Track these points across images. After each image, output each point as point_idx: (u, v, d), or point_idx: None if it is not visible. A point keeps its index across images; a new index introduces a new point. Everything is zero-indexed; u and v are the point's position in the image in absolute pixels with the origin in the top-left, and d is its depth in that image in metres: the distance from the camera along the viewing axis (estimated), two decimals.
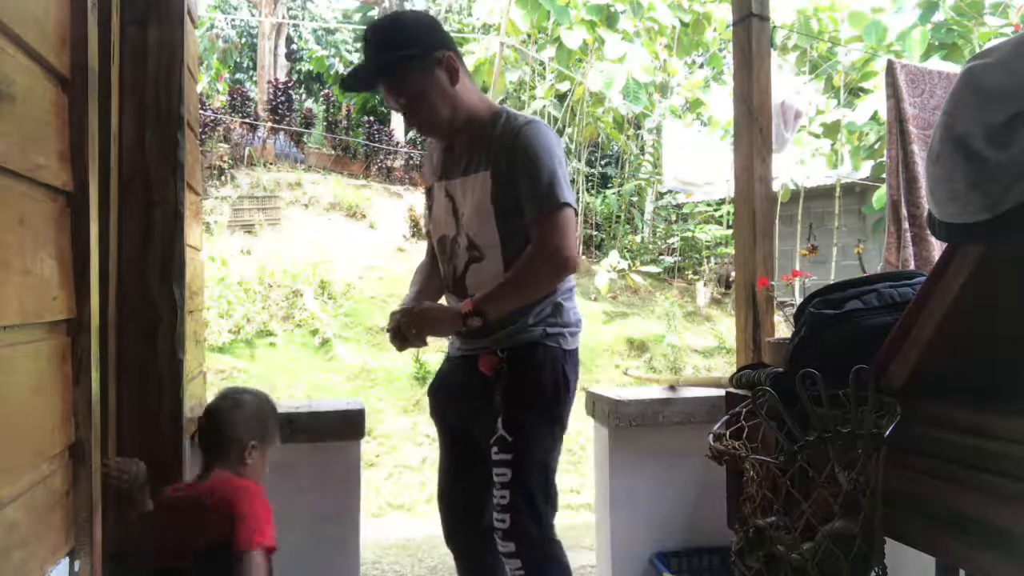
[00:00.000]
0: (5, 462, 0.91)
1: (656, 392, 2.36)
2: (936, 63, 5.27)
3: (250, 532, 1.35)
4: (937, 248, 2.60)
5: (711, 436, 1.50)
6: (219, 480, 1.43)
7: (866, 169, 7.90)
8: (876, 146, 7.30)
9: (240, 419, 1.51)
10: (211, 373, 6.96)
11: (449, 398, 1.78)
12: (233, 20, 18.67)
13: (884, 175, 2.98)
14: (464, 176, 1.66)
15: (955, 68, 3.43)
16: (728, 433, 1.50)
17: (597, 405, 2.31)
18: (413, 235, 11.84)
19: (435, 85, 1.57)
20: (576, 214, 1.64)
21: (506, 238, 1.61)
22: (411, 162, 15.69)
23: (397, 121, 16.82)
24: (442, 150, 1.73)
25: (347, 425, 2.02)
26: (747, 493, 1.40)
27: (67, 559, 1.13)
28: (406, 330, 1.60)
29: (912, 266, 2.64)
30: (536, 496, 1.59)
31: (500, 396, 1.61)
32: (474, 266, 1.65)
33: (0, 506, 0.89)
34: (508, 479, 1.57)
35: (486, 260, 1.63)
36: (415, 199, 13.54)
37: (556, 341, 1.65)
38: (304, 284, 8.96)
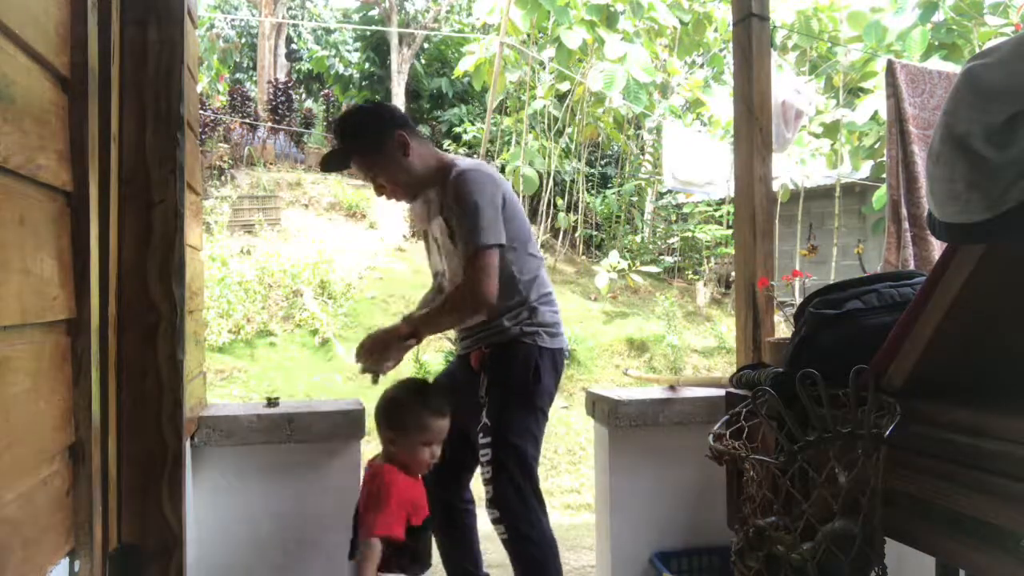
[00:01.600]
0: (5, 462, 0.91)
1: (656, 392, 2.36)
2: (936, 63, 5.28)
3: (371, 520, 1.59)
4: (937, 248, 2.60)
5: (711, 436, 1.50)
6: (371, 464, 1.74)
7: (866, 169, 7.91)
8: (876, 146, 7.31)
9: (378, 412, 1.75)
10: (211, 373, 6.96)
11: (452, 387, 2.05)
12: (233, 20, 18.68)
13: (884, 175, 2.99)
14: (432, 221, 2.00)
15: (955, 68, 3.44)
16: (728, 433, 1.50)
17: (597, 405, 2.30)
18: (413, 235, 11.83)
19: (391, 160, 1.92)
20: (499, 250, 1.87)
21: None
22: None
23: None
24: (421, 200, 2.04)
25: (347, 425, 2.02)
26: (747, 493, 1.40)
27: (67, 559, 1.14)
28: (363, 357, 1.91)
29: (912, 266, 2.65)
30: (513, 470, 1.86)
31: (484, 387, 1.93)
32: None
33: (0, 506, 0.89)
34: (489, 457, 1.87)
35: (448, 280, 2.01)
36: None
37: (532, 339, 1.94)
38: (304, 284, 8.95)
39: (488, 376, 1.93)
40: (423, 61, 18.05)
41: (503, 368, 1.92)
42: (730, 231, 10.10)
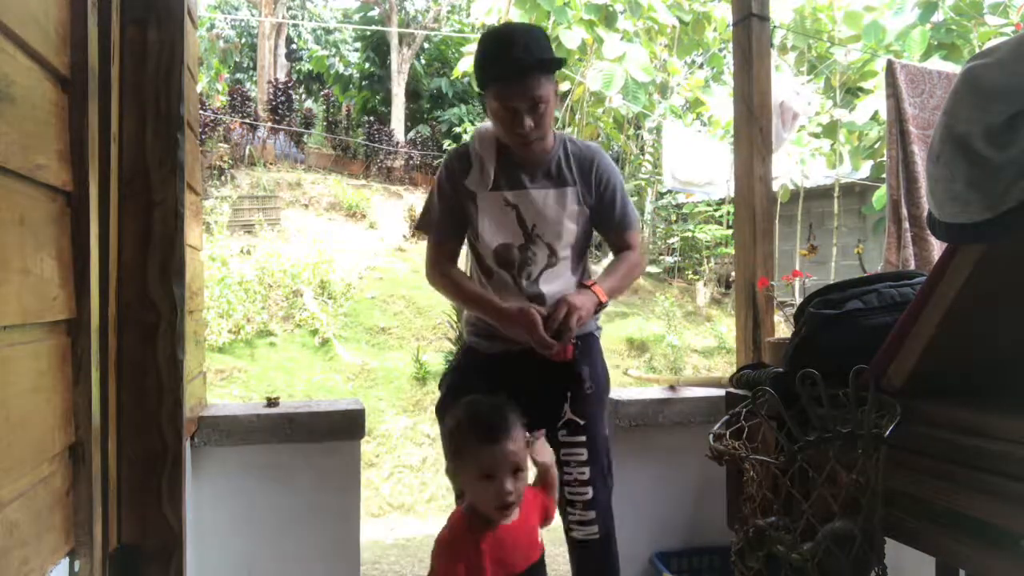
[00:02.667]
0: (5, 462, 0.91)
1: (656, 392, 2.36)
2: (936, 63, 5.28)
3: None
4: (937, 248, 2.60)
5: (711, 436, 1.50)
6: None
7: (866, 169, 7.90)
8: (876, 146, 7.30)
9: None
10: (211, 373, 6.96)
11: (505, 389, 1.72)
12: (233, 20, 18.68)
13: (884, 175, 2.98)
14: (537, 188, 1.79)
15: (955, 68, 3.44)
16: (728, 433, 1.50)
17: None
18: (413, 235, 11.84)
19: (555, 97, 1.73)
20: None
21: (576, 246, 1.81)
22: (411, 162, 15.70)
23: (397, 121, 16.84)
24: (495, 161, 1.78)
25: (347, 425, 2.02)
26: (747, 493, 1.40)
27: (67, 559, 1.14)
28: (569, 323, 1.63)
29: (912, 266, 2.64)
30: (607, 469, 1.79)
31: (568, 382, 1.77)
32: (548, 271, 1.79)
33: (0, 506, 0.89)
34: (585, 457, 1.74)
35: (559, 265, 1.80)
36: (415, 199, 13.54)
37: (599, 333, 1.91)
38: (304, 284, 8.95)
39: (577, 370, 1.78)
40: (423, 61, 18.07)
41: (591, 361, 1.82)
42: (730, 231, 10.10)
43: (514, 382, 1.69)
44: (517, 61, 1.65)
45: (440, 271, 1.83)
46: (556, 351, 1.64)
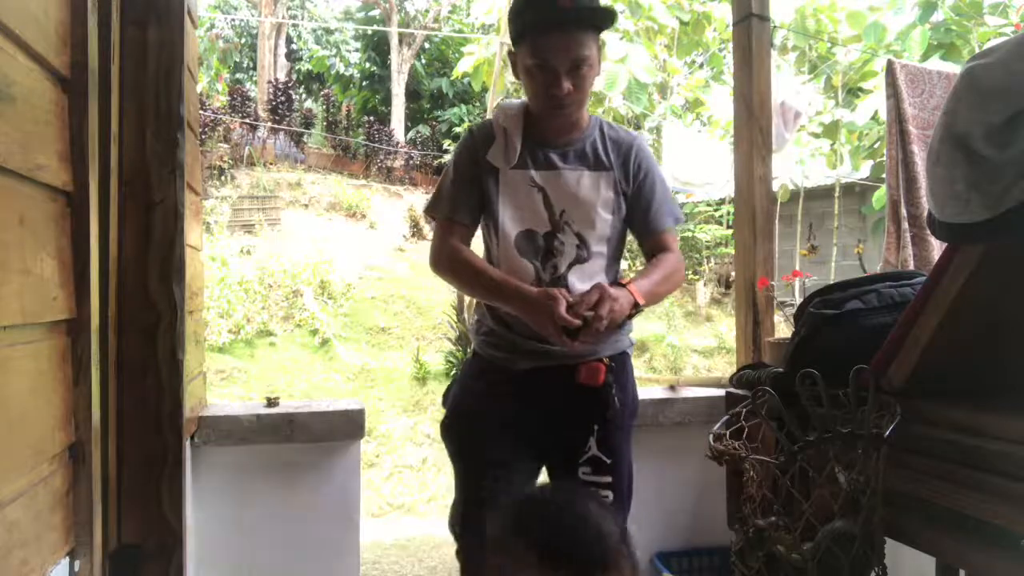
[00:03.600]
0: (5, 462, 0.91)
1: (656, 392, 2.36)
2: (936, 63, 5.27)
3: None
4: (937, 248, 2.59)
5: (711, 436, 1.50)
6: None
7: (866, 169, 7.90)
8: (876, 146, 7.30)
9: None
10: (211, 373, 6.96)
11: (517, 417, 1.52)
12: (233, 20, 18.68)
13: (884, 175, 2.98)
14: (570, 170, 1.54)
15: (955, 68, 3.43)
16: (728, 433, 1.50)
17: None
18: (413, 235, 11.84)
19: (598, 63, 1.50)
20: None
21: (613, 241, 1.57)
22: (411, 162, 15.70)
23: (397, 121, 16.84)
24: (520, 136, 1.54)
25: (347, 425, 2.02)
26: (747, 493, 1.40)
27: (67, 559, 1.14)
28: (601, 310, 1.35)
29: (912, 266, 2.64)
30: (628, 499, 1.55)
31: (597, 411, 1.50)
32: (578, 267, 1.53)
33: (0, 506, 0.89)
34: (610, 498, 1.49)
35: (591, 261, 1.54)
36: (415, 199, 13.54)
37: (632, 351, 1.63)
38: (304, 284, 8.96)
39: (604, 397, 1.50)
40: (423, 61, 18.06)
41: (623, 384, 1.55)
42: (730, 231, 10.10)
43: (533, 407, 1.51)
44: (561, 10, 1.40)
45: (451, 252, 1.54)
46: (577, 342, 1.36)
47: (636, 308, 1.44)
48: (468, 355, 1.68)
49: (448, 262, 1.54)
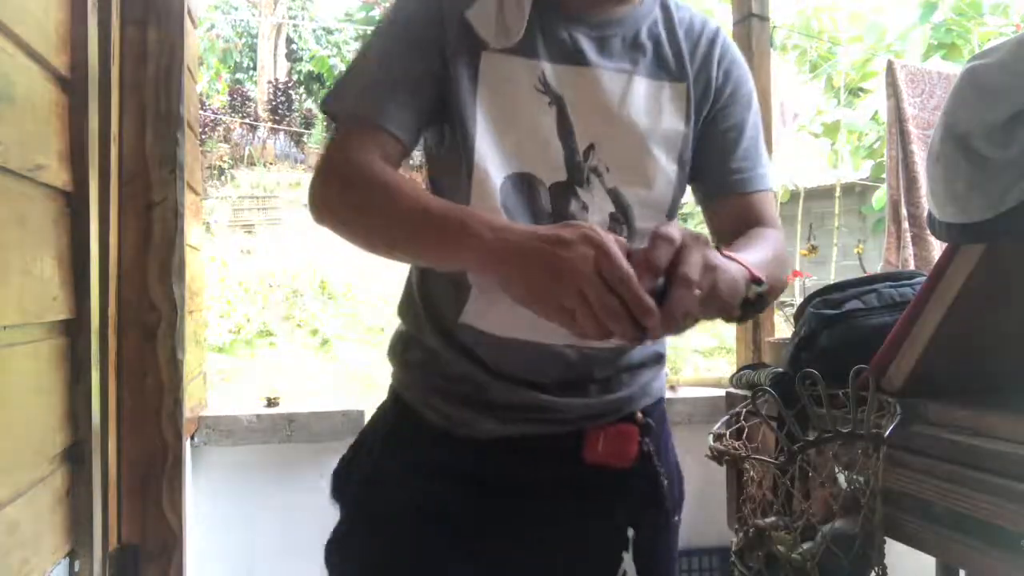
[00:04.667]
0: (5, 462, 0.91)
1: None
2: (936, 63, 5.27)
3: None
4: (937, 248, 2.59)
5: (711, 436, 1.49)
6: None
7: (866, 169, 7.89)
8: (876, 146, 7.30)
9: None
10: (211, 373, 6.95)
11: (479, 533, 0.87)
12: (233, 20, 18.67)
13: (884, 175, 2.98)
14: (612, 70, 0.85)
15: (955, 68, 3.43)
16: (728, 433, 1.50)
17: None
18: None
19: None
20: None
21: (672, 208, 0.89)
22: (411, 162, 15.69)
23: None
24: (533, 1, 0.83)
25: (347, 425, 2.02)
26: (747, 493, 1.40)
27: (67, 559, 1.14)
28: (701, 284, 0.62)
29: (912, 266, 2.64)
30: None
31: (629, 507, 0.90)
32: None
33: (0, 506, 0.89)
34: None
35: (635, 242, 0.80)
36: None
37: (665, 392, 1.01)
38: (304, 284, 8.96)
39: (642, 481, 0.90)
40: None
41: (666, 455, 0.96)
42: None
43: (509, 513, 0.85)
44: None
45: (367, 174, 0.79)
46: (650, 337, 0.62)
47: (757, 294, 0.70)
48: (385, 402, 1.02)
49: (360, 190, 0.80)
